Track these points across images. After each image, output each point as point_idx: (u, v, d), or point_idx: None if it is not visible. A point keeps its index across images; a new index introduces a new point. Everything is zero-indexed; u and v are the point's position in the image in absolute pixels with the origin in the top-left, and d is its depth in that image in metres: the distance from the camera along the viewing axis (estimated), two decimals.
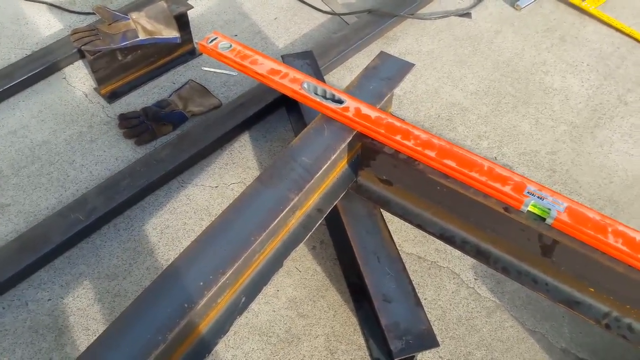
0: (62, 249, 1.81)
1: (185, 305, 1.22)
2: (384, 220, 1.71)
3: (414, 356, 1.49)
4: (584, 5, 2.71)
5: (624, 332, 1.37)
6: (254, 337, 1.66)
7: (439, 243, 1.84)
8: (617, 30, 2.63)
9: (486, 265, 1.54)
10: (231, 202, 1.41)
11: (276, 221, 1.37)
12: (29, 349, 1.62)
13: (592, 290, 1.37)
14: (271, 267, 1.47)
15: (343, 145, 1.55)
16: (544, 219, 1.34)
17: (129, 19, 2.19)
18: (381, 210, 1.74)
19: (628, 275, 1.27)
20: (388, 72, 1.79)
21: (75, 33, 2.15)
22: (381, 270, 1.58)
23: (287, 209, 1.40)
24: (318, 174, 1.48)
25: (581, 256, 1.32)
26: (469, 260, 1.81)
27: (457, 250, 1.59)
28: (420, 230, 1.63)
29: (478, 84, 2.39)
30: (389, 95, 1.75)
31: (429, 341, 1.46)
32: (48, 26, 2.58)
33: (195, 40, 2.45)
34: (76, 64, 2.41)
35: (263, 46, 2.54)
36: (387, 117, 1.56)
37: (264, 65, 1.72)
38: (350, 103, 1.60)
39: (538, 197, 1.36)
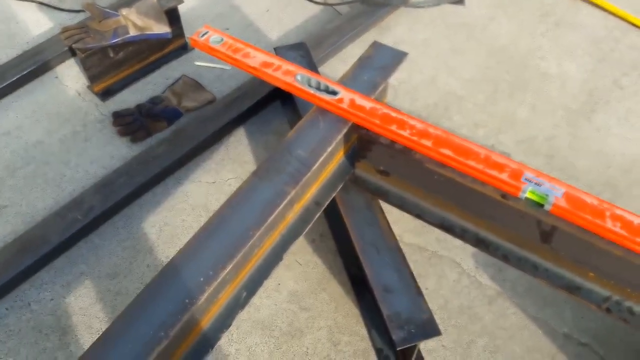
0: (62, 249, 1.80)
1: (187, 301, 1.22)
2: (383, 211, 1.71)
3: (416, 345, 1.49)
4: None
5: (624, 316, 1.37)
6: (256, 331, 1.66)
7: (439, 232, 1.83)
8: (611, 13, 2.62)
9: (486, 253, 1.53)
10: (228, 197, 1.41)
11: (274, 215, 1.37)
12: (33, 349, 1.62)
13: (592, 275, 1.37)
14: (271, 261, 1.47)
15: (339, 137, 1.55)
16: (542, 205, 1.34)
17: (119, 15, 2.18)
18: (380, 201, 1.73)
19: (627, 258, 1.27)
20: (382, 62, 1.78)
21: (65, 31, 2.13)
22: (381, 261, 1.58)
23: (284, 203, 1.40)
24: (314, 167, 1.47)
25: (580, 241, 1.31)
26: (470, 249, 1.81)
27: (457, 239, 1.59)
28: (420, 220, 1.63)
29: (474, 71, 2.38)
30: (383, 85, 1.74)
31: (431, 330, 1.45)
32: (38, 25, 2.56)
33: (186, 34, 2.43)
34: (68, 62, 2.40)
35: (256, 39, 2.52)
36: (382, 108, 1.55)
37: (257, 59, 1.71)
38: (345, 94, 1.59)
39: (535, 184, 1.36)
